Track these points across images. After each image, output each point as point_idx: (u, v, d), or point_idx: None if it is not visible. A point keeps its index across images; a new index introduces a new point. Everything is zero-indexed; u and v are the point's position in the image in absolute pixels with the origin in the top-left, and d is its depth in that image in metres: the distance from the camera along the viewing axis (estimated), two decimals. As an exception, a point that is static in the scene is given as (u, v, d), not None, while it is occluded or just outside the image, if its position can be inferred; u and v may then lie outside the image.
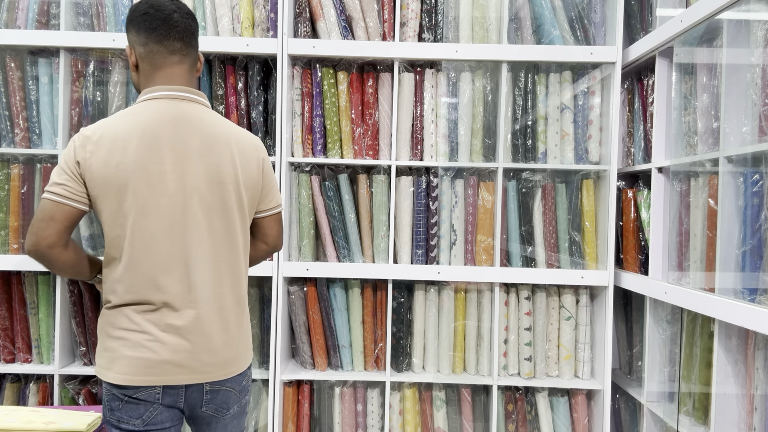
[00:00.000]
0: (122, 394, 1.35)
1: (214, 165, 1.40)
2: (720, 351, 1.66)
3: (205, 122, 1.42)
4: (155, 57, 1.41)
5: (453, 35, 2.33)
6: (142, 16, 1.40)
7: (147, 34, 1.40)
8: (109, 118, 1.39)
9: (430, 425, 2.41)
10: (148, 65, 1.42)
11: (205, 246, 1.40)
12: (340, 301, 2.36)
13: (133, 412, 1.36)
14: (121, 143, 1.33)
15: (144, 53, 1.41)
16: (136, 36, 1.41)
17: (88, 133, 1.34)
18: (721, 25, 1.74)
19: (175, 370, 1.37)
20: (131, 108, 1.40)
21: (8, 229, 2.27)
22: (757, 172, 1.57)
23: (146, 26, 1.40)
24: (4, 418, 1.97)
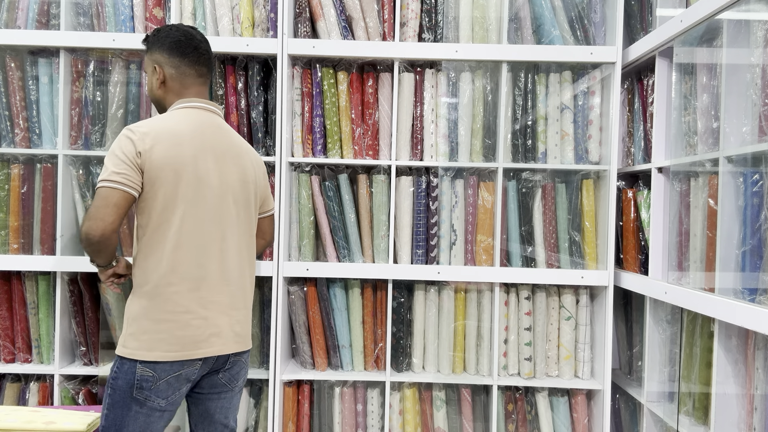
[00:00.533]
0: (162, 371, 1.52)
1: (243, 168, 1.68)
2: (720, 351, 1.66)
3: (231, 132, 1.71)
4: (185, 79, 1.66)
5: (453, 35, 2.33)
6: (175, 42, 1.65)
7: (180, 59, 1.65)
8: (154, 118, 1.59)
9: (430, 425, 2.41)
10: (178, 84, 1.65)
11: (235, 234, 1.64)
12: (340, 301, 2.36)
13: (163, 392, 1.54)
14: (177, 139, 1.54)
15: (175, 74, 1.65)
16: (168, 59, 1.65)
17: (144, 129, 1.52)
18: (721, 25, 1.74)
19: (217, 342, 1.60)
20: (175, 112, 1.62)
21: (8, 229, 2.27)
22: (757, 172, 1.57)
23: (179, 52, 1.64)
24: (4, 418, 1.97)
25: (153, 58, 1.66)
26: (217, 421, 1.73)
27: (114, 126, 2.28)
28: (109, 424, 1.55)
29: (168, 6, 2.29)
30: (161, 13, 2.31)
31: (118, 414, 1.54)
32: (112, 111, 2.29)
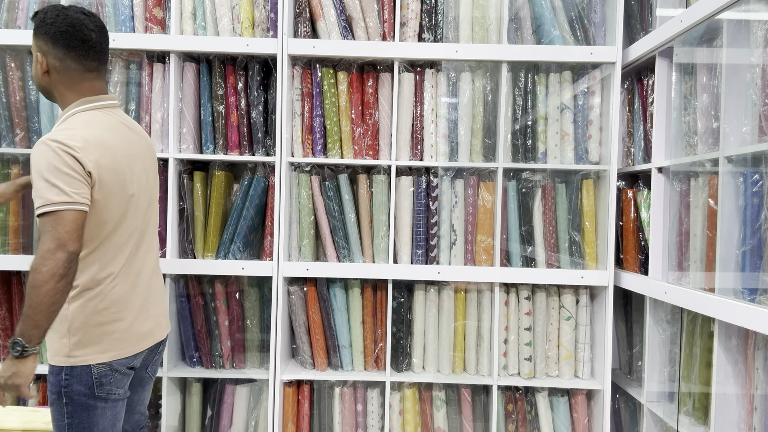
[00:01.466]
0: (119, 366, 1.54)
1: (153, 163, 1.70)
2: (720, 351, 1.66)
3: (134, 125, 1.66)
4: (72, 73, 1.50)
5: (453, 35, 2.33)
6: (60, 33, 1.47)
7: (65, 52, 1.48)
8: (75, 128, 1.44)
9: (430, 425, 2.41)
10: (66, 78, 1.51)
11: (155, 226, 1.71)
12: (340, 301, 2.36)
13: (120, 381, 1.56)
14: (110, 150, 1.48)
15: (60, 67, 1.49)
16: (52, 49, 1.48)
17: (79, 142, 1.40)
18: (721, 25, 1.74)
19: (157, 329, 1.67)
20: (87, 118, 1.50)
21: (8, 229, 2.27)
22: (757, 172, 1.57)
23: (64, 44, 1.47)
24: (4, 418, 1.97)
25: (37, 43, 1.49)
26: (137, 411, 1.75)
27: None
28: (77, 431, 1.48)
29: (168, 6, 2.29)
30: (161, 13, 2.31)
31: (84, 418, 1.49)
32: (112, 111, 2.29)
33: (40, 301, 1.32)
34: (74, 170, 1.37)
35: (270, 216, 2.32)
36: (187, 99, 2.31)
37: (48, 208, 1.34)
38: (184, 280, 2.36)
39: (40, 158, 1.37)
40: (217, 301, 2.35)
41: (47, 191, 1.34)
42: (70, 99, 1.52)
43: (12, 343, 1.35)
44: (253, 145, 2.32)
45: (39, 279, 1.31)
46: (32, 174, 1.39)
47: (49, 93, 1.56)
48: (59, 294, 1.34)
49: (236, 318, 2.38)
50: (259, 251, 2.41)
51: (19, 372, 1.36)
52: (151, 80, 2.31)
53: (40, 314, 1.33)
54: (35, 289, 1.32)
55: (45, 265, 1.31)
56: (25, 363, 1.36)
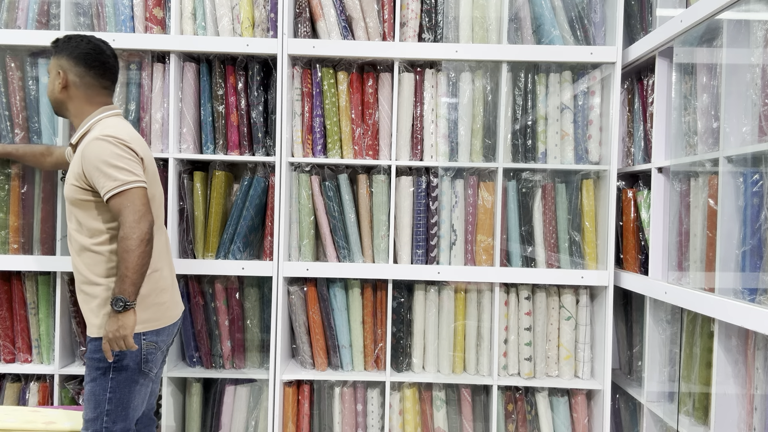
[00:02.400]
0: (163, 343, 1.76)
1: None
2: (720, 351, 1.66)
3: None
4: (89, 89, 1.75)
5: (453, 35, 2.33)
6: (84, 54, 1.73)
7: (86, 70, 1.74)
8: (116, 126, 1.70)
9: (430, 425, 2.41)
10: (83, 93, 1.75)
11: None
12: (340, 301, 2.36)
13: (158, 361, 1.78)
14: (143, 144, 1.75)
15: (79, 83, 1.74)
16: (74, 67, 1.73)
17: (125, 136, 1.66)
18: (721, 25, 1.74)
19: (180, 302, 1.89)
20: (116, 120, 1.75)
21: (8, 229, 2.27)
22: (757, 172, 1.57)
23: (85, 63, 1.73)
24: (4, 418, 1.97)
25: (59, 62, 1.74)
26: (153, 392, 1.89)
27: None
28: (116, 405, 1.65)
29: (168, 6, 2.29)
30: (161, 13, 2.31)
31: (125, 392, 1.65)
32: (112, 111, 2.29)
33: (135, 263, 1.56)
34: (132, 157, 1.64)
35: (270, 216, 2.32)
36: (187, 99, 2.31)
37: (124, 186, 1.58)
38: (184, 280, 2.36)
39: (101, 151, 1.60)
40: (217, 301, 2.35)
41: (118, 173, 1.59)
42: (86, 111, 1.75)
43: (115, 301, 1.56)
44: (253, 145, 2.32)
45: (131, 245, 1.56)
46: (95, 166, 1.60)
47: (63, 106, 1.78)
48: (147, 256, 1.60)
49: (236, 318, 2.38)
50: (259, 251, 2.41)
51: (124, 324, 1.57)
52: (151, 80, 2.31)
53: (135, 273, 1.57)
54: (129, 254, 1.56)
55: (134, 232, 1.56)
56: (127, 316, 1.58)
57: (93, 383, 1.65)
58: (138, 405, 1.71)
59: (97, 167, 1.59)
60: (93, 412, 1.64)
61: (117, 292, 1.58)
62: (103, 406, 1.63)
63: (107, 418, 1.63)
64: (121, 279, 1.57)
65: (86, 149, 1.62)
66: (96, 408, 1.64)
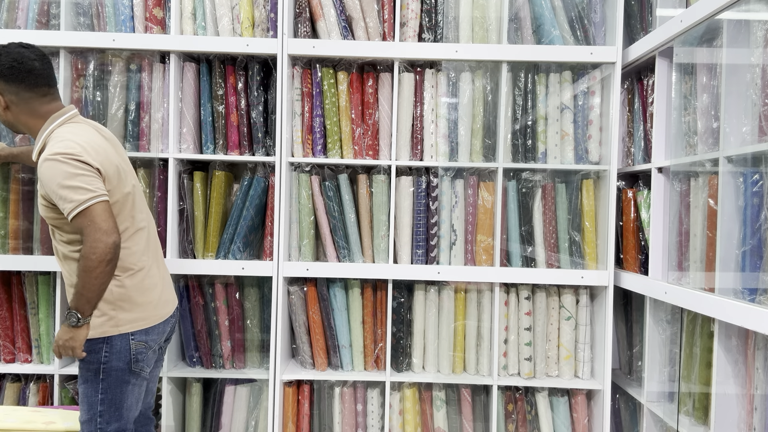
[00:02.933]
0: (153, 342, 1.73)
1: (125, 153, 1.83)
2: (720, 351, 1.66)
3: (97, 125, 1.79)
4: (31, 102, 1.64)
5: (453, 35, 2.33)
6: (7, 69, 1.60)
7: (17, 85, 1.61)
8: (64, 139, 1.58)
9: (430, 425, 2.41)
10: (27, 108, 1.64)
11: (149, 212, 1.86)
12: (340, 301, 2.36)
13: (150, 360, 1.75)
14: (101, 148, 1.64)
15: (16, 100, 1.63)
16: (5, 86, 1.61)
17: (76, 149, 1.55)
18: (721, 25, 1.74)
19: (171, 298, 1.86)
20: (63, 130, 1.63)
21: (8, 229, 2.27)
22: (757, 172, 1.57)
23: (14, 79, 1.60)
24: (4, 418, 1.97)
25: None
26: (150, 391, 1.89)
27: (114, 126, 2.27)
28: (108, 406, 1.64)
29: (168, 6, 2.29)
30: (161, 13, 2.31)
31: (117, 393, 1.65)
32: (112, 111, 2.29)
33: (92, 283, 1.54)
34: (86, 170, 1.55)
35: (270, 216, 2.32)
36: (187, 99, 2.31)
37: (81, 206, 1.52)
38: (184, 280, 2.36)
39: (53, 172, 1.53)
40: (217, 301, 2.35)
41: (72, 194, 1.52)
42: (37, 124, 1.66)
43: (68, 315, 1.57)
44: (253, 145, 2.32)
45: (90, 265, 1.52)
46: (51, 189, 1.54)
47: (14, 126, 1.70)
48: (107, 276, 1.57)
49: (236, 318, 2.39)
50: (259, 251, 2.41)
51: (75, 337, 1.58)
52: (150, 80, 2.31)
53: (91, 293, 1.56)
54: (87, 273, 1.53)
55: (94, 252, 1.52)
56: (79, 330, 1.59)
57: (85, 385, 1.65)
58: (132, 405, 1.71)
59: (53, 191, 1.54)
60: (87, 413, 1.65)
61: (73, 306, 1.57)
62: (96, 407, 1.63)
63: (101, 419, 1.64)
64: (78, 296, 1.56)
65: (41, 172, 1.55)
66: (89, 410, 1.64)
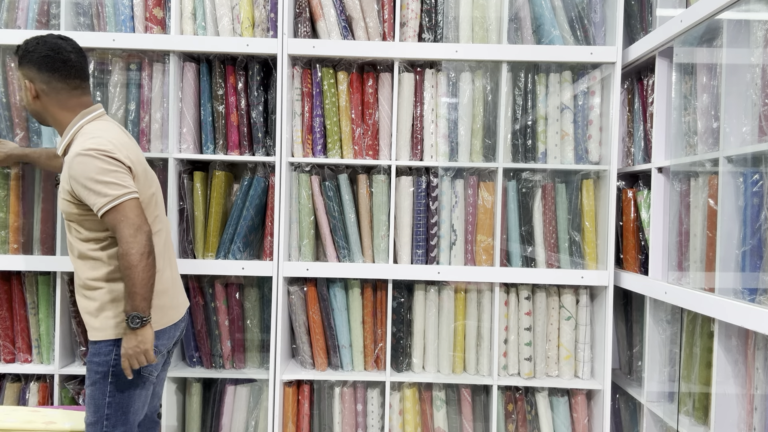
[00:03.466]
0: (163, 347, 1.73)
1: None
2: (720, 351, 1.66)
3: (122, 127, 1.81)
4: (60, 93, 1.64)
5: (453, 35, 2.33)
6: (43, 58, 1.61)
7: (50, 74, 1.62)
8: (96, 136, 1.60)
9: (430, 425, 2.41)
10: (55, 99, 1.64)
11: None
12: (340, 301, 2.36)
13: (158, 365, 1.74)
14: (129, 147, 1.66)
15: (47, 90, 1.63)
16: (38, 74, 1.62)
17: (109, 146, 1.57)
18: (721, 25, 1.74)
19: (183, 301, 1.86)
20: (93, 126, 1.65)
21: (8, 229, 2.27)
22: (757, 172, 1.57)
23: (48, 68, 1.61)
24: (4, 418, 1.97)
25: (24, 73, 1.65)
26: (156, 394, 1.89)
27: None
28: (115, 410, 1.64)
29: (168, 6, 2.29)
30: (161, 13, 2.31)
31: (125, 397, 1.64)
32: (113, 111, 2.29)
33: (140, 277, 1.54)
34: (118, 167, 1.57)
35: (270, 216, 2.32)
36: (187, 99, 2.31)
37: (115, 202, 1.53)
38: (184, 280, 2.36)
39: (86, 168, 1.53)
40: (217, 301, 2.35)
41: (106, 189, 1.53)
42: (66, 118, 1.66)
43: (131, 318, 1.55)
44: (253, 145, 2.32)
45: (132, 261, 1.53)
46: (82, 184, 1.54)
47: (42, 117, 1.69)
48: (151, 268, 1.57)
49: (236, 318, 2.39)
50: (259, 251, 2.41)
51: (144, 339, 1.58)
52: (150, 80, 2.31)
53: (143, 288, 1.55)
54: (132, 270, 1.53)
55: (132, 248, 1.53)
56: (145, 330, 1.58)
57: (93, 387, 1.65)
58: (138, 408, 1.71)
59: (84, 185, 1.53)
60: (93, 416, 1.64)
61: (130, 309, 1.56)
62: (103, 410, 1.63)
63: (107, 422, 1.64)
64: (131, 296, 1.55)
65: (71, 167, 1.56)
66: (96, 412, 1.64)
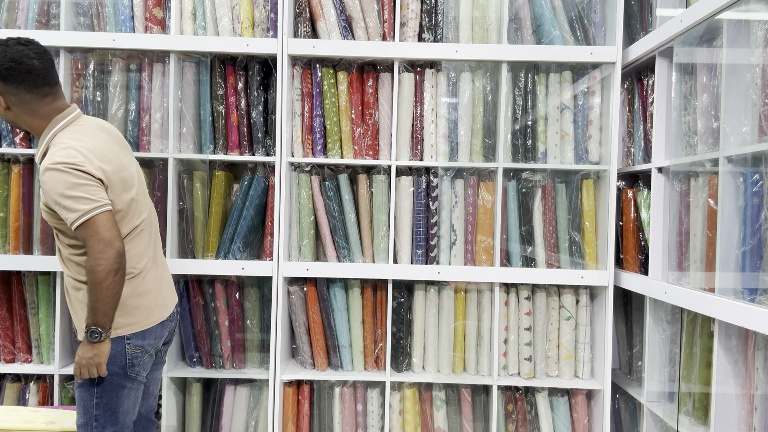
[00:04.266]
0: (150, 347, 1.70)
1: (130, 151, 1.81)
2: (720, 351, 1.66)
3: (102, 122, 1.75)
4: (31, 104, 1.57)
5: (453, 35, 2.33)
6: (6, 70, 1.52)
7: (16, 86, 1.54)
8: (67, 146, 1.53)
9: (430, 425, 2.41)
10: (27, 108, 1.58)
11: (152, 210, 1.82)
12: (340, 301, 2.36)
13: (146, 365, 1.72)
14: (103, 155, 1.59)
15: (16, 101, 1.57)
16: (4, 87, 1.54)
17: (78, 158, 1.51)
18: (721, 25, 1.74)
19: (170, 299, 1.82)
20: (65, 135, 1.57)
21: (8, 229, 2.27)
22: (757, 172, 1.57)
23: (13, 80, 1.53)
24: (4, 418, 1.97)
25: None
26: (152, 393, 1.87)
27: (114, 126, 2.27)
28: (104, 410, 1.63)
29: (168, 6, 2.29)
30: (161, 13, 2.31)
31: (112, 397, 1.63)
32: (112, 111, 2.29)
33: (104, 295, 1.51)
34: (87, 180, 1.51)
35: (270, 216, 2.32)
36: (186, 99, 2.31)
37: (84, 217, 1.49)
38: (184, 281, 2.36)
39: (55, 182, 1.49)
40: (217, 301, 2.35)
41: (75, 204, 1.49)
42: (40, 126, 1.61)
43: (90, 332, 1.54)
44: (253, 145, 2.32)
45: (98, 277, 1.50)
46: (53, 199, 1.50)
47: (18, 125, 1.64)
48: (117, 286, 1.54)
49: (236, 318, 2.39)
50: (259, 251, 2.41)
51: (99, 352, 1.57)
52: (150, 80, 2.31)
53: (105, 306, 1.53)
54: (97, 287, 1.50)
55: (100, 264, 1.49)
56: (103, 345, 1.57)
57: (81, 389, 1.64)
58: (129, 409, 1.69)
59: (55, 201, 1.50)
60: (83, 417, 1.64)
61: (90, 323, 1.54)
62: (92, 411, 1.63)
63: (96, 423, 1.63)
64: (93, 311, 1.53)
65: (42, 182, 1.52)
66: (85, 414, 1.64)
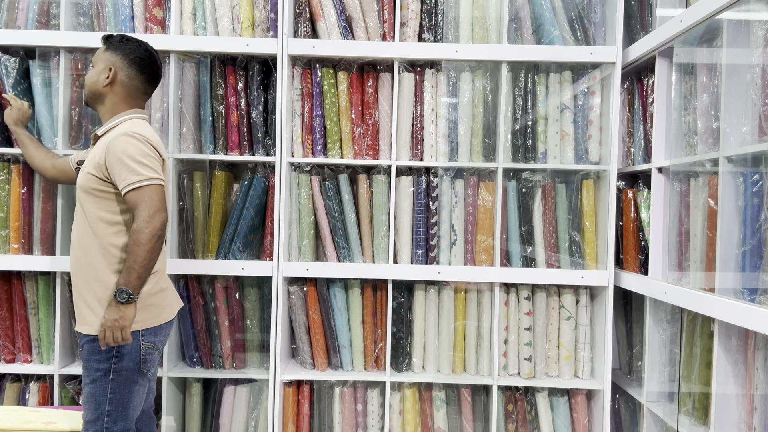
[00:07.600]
0: (162, 338, 1.78)
1: None
2: (720, 351, 1.66)
3: None
4: (133, 91, 1.80)
5: (453, 35, 2.33)
6: (139, 58, 1.79)
7: (137, 73, 1.79)
8: (141, 128, 1.72)
9: (430, 425, 2.41)
10: (126, 93, 1.79)
11: None
12: (340, 301, 2.36)
13: (156, 361, 1.78)
14: (163, 147, 1.79)
15: (126, 83, 1.78)
16: (127, 68, 1.78)
17: (151, 137, 1.71)
18: (721, 25, 1.74)
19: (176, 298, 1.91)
20: (139, 122, 1.76)
21: (9, 229, 2.27)
22: (757, 172, 1.57)
23: (138, 67, 1.79)
24: (4, 418, 1.98)
25: (112, 59, 1.77)
26: (150, 390, 1.89)
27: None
28: (116, 406, 1.65)
29: (168, 6, 2.29)
30: (161, 13, 2.31)
31: (125, 393, 1.66)
32: (112, 111, 2.29)
33: (144, 257, 1.59)
34: (156, 156, 1.69)
35: (270, 216, 2.32)
36: (187, 99, 2.31)
37: (145, 182, 1.61)
38: (184, 280, 2.36)
39: (128, 146, 1.63)
40: (217, 301, 2.35)
41: (141, 169, 1.62)
42: (121, 108, 1.78)
43: (119, 292, 1.58)
44: (253, 145, 2.32)
45: (143, 239, 1.58)
46: (119, 159, 1.62)
47: (99, 98, 1.78)
48: (156, 251, 1.62)
49: (236, 318, 2.39)
50: (259, 251, 2.41)
51: (125, 315, 1.59)
52: (151, 80, 2.31)
53: (142, 267, 1.59)
54: (139, 247, 1.58)
55: (147, 227, 1.58)
56: (129, 308, 1.60)
57: (93, 384, 1.65)
58: (137, 404, 1.73)
59: (121, 160, 1.62)
60: (93, 413, 1.64)
61: (122, 283, 1.59)
62: (104, 407, 1.64)
63: (108, 419, 1.64)
64: (128, 271, 1.59)
65: (113, 142, 1.65)
66: (96, 409, 1.64)
